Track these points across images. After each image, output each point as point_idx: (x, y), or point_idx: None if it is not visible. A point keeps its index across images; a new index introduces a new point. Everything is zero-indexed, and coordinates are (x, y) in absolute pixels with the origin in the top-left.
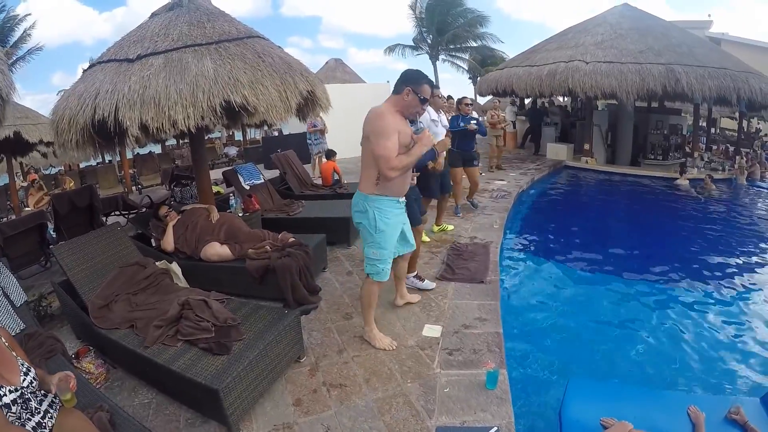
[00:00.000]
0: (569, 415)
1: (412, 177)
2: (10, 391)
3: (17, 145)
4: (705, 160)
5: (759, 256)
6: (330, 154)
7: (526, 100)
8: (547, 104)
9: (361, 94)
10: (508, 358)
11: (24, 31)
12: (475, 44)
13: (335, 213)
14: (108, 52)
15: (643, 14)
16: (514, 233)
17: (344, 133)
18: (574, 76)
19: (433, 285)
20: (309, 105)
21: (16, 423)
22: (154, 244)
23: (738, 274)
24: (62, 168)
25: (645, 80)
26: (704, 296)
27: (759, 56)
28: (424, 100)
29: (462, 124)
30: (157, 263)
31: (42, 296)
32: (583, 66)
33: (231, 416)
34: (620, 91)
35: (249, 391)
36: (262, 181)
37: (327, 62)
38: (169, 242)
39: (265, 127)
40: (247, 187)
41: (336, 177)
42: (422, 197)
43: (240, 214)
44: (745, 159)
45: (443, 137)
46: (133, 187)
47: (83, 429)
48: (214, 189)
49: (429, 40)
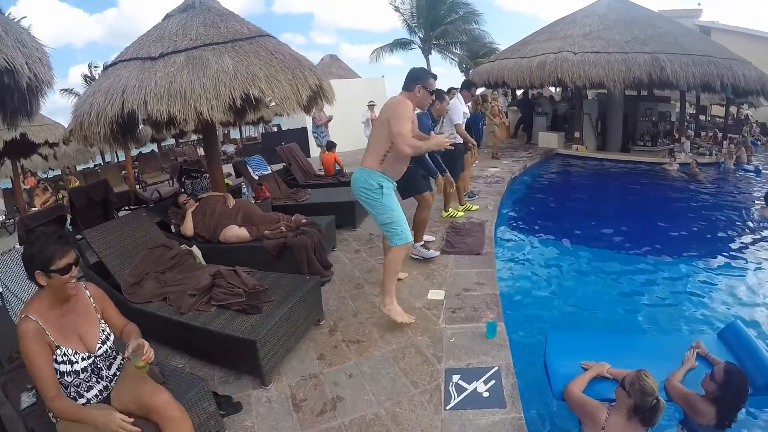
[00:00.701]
0: (552, 362)
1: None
2: (83, 359)
3: (22, 147)
4: (695, 145)
5: (732, 230)
6: (330, 146)
7: (518, 91)
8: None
9: (358, 89)
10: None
11: None
12: (465, 38)
13: (341, 198)
14: (128, 51)
15: (630, 5)
16: (507, 213)
17: (342, 126)
18: (563, 66)
19: (437, 253)
20: (316, 98)
21: (83, 386)
22: (173, 230)
23: (709, 245)
24: (61, 170)
25: (631, 69)
26: (673, 263)
27: (749, 43)
28: (432, 93)
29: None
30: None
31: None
32: (571, 57)
33: (265, 366)
34: (607, 80)
35: (279, 345)
36: (270, 171)
37: (322, 58)
38: (189, 227)
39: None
40: (257, 177)
41: (338, 167)
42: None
43: (252, 202)
44: (733, 144)
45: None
46: (137, 185)
47: (139, 377)
48: None
49: (421, 35)
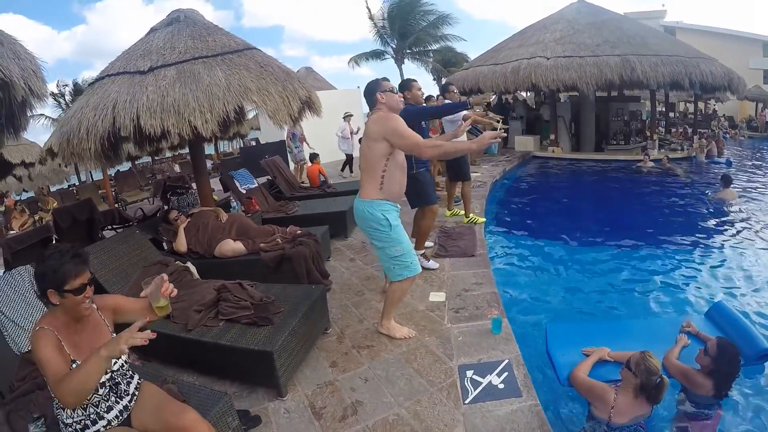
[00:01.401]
0: (555, 352)
1: None
2: None
3: None
4: (666, 141)
5: (702, 220)
6: (313, 157)
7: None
8: (511, 100)
9: (335, 100)
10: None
11: None
12: (437, 46)
13: (330, 208)
14: (115, 65)
15: (598, 9)
16: (493, 215)
17: (319, 138)
18: (537, 71)
19: (437, 265)
20: (304, 109)
21: (103, 405)
22: (166, 248)
23: (683, 234)
24: (35, 192)
25: (603, 71)
26: (652, 252)
27: (713, 41)
28: (393, 90)
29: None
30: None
31: None
32: (544, 62)
33: (281, 377)
34: (580, 83)
35: (293, 356)
36: (256, 185)
37: (298, 71)
38: (182, 244)
39: (238, 138)
40: (244, 191)
41: (322, 178)
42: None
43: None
44: (703, 138)
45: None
46: (116, 204)
47: (161, 397)
48: None
49: (393, 45)
